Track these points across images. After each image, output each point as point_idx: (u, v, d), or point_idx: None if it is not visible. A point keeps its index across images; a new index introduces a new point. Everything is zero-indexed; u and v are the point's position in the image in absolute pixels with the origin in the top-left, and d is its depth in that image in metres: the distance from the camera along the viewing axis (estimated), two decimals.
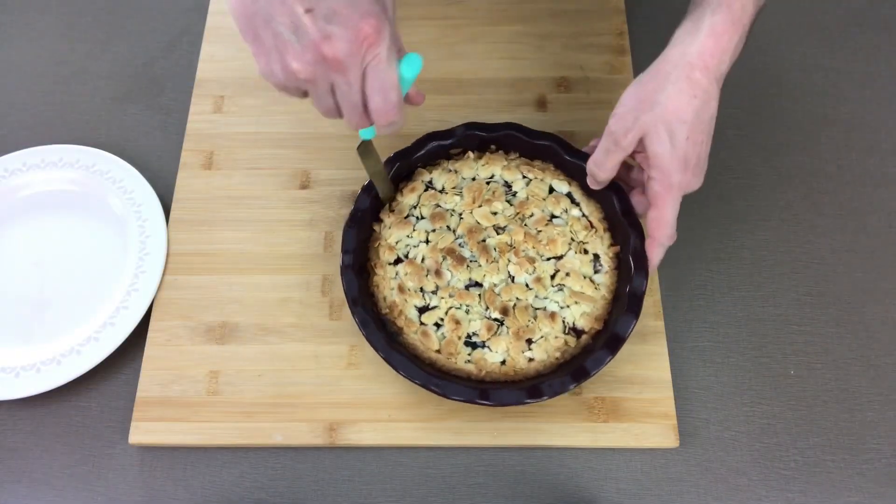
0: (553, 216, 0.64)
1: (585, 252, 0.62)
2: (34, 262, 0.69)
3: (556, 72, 0.76)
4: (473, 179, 0.66)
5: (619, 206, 0.62)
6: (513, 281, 0.62)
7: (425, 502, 0.60)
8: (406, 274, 0.62)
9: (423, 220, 0.65)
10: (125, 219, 0.70)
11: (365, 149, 0.59)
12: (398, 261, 0.63)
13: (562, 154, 0.65)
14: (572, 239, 0.63)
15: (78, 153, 0.73)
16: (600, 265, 0.62)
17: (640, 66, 0.77)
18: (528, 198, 0.64)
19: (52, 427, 0.63)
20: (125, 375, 0.65)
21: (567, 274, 0.61)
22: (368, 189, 0.64)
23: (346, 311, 0.65)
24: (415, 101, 0.57)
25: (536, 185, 0.65)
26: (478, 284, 0.62)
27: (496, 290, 0.61)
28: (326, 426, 0.61)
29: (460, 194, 0.65)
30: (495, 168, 0.66)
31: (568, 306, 0.60)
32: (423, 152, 0.66)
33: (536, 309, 0.61)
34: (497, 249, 0.62)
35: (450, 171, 0.66)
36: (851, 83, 0.78)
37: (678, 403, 0.62)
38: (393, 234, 0.64)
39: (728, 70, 0.54)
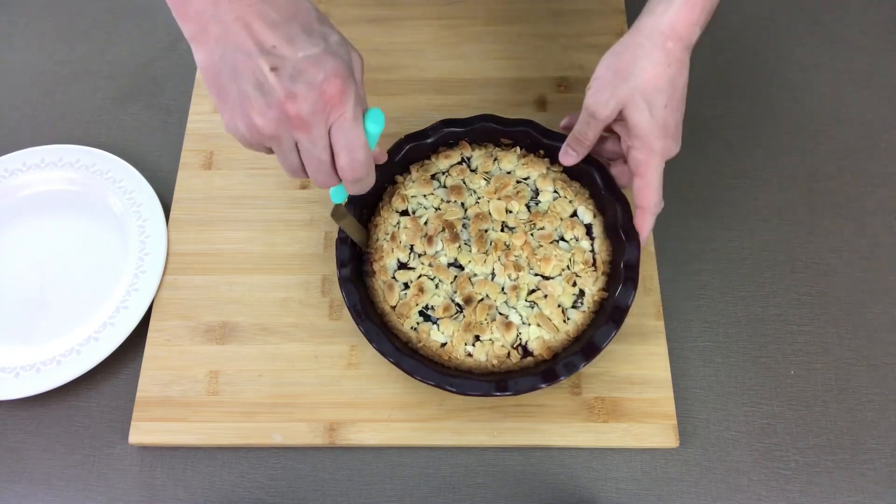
0: (562, 238, 0.63)
1: (574, 284, 0.61)
2: (34, 262, 0.69)
3: (556, 72, 0.76)
4: (509, 173, 0.66)
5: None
6: (492, 279, 0.62)
7: (425, 502, 0.60)
8: (405, 227, 0.63)
9: (442, 189, 0.66)
10: (125, 219, 0.70)
11: (338, 212, 0.59)
12: (404, 213, 0.64)
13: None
14: (567, 267, 0.62)
15: (78, 153, 0.73)
16: (581, 303, 0.61)
17: None
18: (547, 211, 0.64)
19: (52, 427, 0.63)
20: (125, 375, 0.65)
21: (545, 296, 0.61)
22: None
23: (346, 311, 0.65)
24: (377, 160, 0.58)
25: (562, 203, 0.64)
26: (459, 267, 0.62)
27: (472, 279, 0.62)
28: (326, 426, 0.61)
29: (488, 181, 0.65)
30: (533, 171, 0.66)
31: (529, 324, 0.60)
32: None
33: (499, 313, 0.61)
34: (493, 244, 0.62)
35: (492, 156, 0.67)
36: (851, 83, 0.78)
37: (678, 403, 0.62)
38: (413, 188, 0.65)
39: (696, 39, 0.55)
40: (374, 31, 0.79)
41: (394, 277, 0.62)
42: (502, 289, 0.61)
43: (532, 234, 0.63)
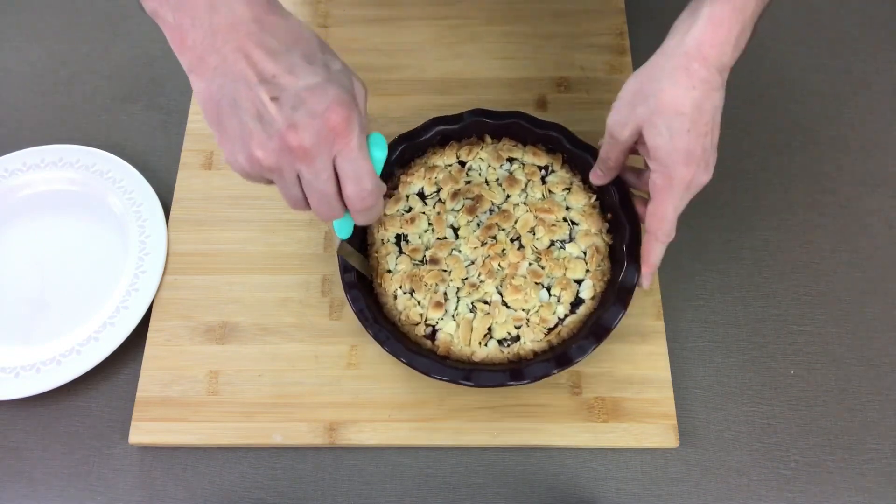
0: (560, 242, 0.63)
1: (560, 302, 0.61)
2: (34, 262, 0.69)
3: (556, 72, 0.76)
4: (551, 192, 0.65)
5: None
6: (485, 275, 0.61)
7: (425, 502, 0.60)
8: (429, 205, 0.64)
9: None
10: (125, 219, 0.70)
11: (344, 248, 0.59)
12: (421, 195, 0.65)
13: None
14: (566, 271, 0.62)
15: (78, 153, 0.73)
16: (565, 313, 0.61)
17: (640, 65, 0.77)
18: (561, 258, 0.62)
19: (52, 427, 0.63)
20: (125, 375, 0.65)
21: (537, 311, 0.60)
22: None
23: (346, 311, 0.65)
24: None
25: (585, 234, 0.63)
26: (458, 244, 0.63)
27: (466, 255, 0.62)
28: (326, 426, 0.61)
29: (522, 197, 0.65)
30: (577, 202, 0.64)
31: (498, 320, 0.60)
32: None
33: (485, 302, 0.60)
34: (495, 239, 0.62)
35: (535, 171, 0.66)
36: (851, 83, 0.78)
37: (678, 403, 0.62)
38: (444, 157, 0.66)
39: (732, 62, 0.52)
40: (374, 31, 0.79)
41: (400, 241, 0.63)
42: (497, 287, 0.61)
43: (531, 263, 0.62)
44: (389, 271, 0.62)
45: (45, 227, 0.71)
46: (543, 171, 0.66)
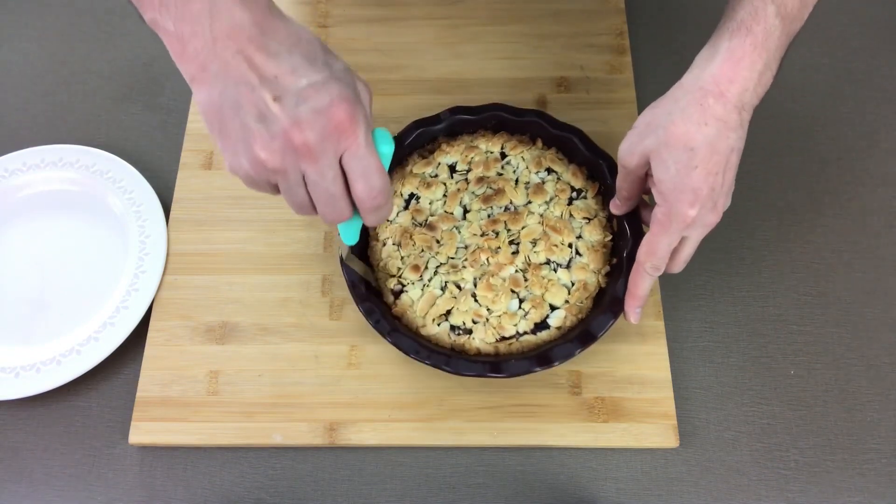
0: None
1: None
2: (34, 262, 0.69)
3: (556, 72, 0.76)
4: (560, 216, 0.64)
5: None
6: (470, 263, 0.61)
7: (425, 502, 0.60)
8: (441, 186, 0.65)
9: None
10: (125, 219, 0.70)
11: (351, 257, 0.59)
12: (452, 168, 0.66)
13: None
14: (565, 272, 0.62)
15: (78, 153, 0.73)
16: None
17: (640, 66, 0.77)
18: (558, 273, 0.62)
19: (52, 427, 0.63)
20: (125, 375, 0.65)
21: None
22: None
23: (346, 311, 0.65)
24: None
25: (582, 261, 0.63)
26: (460, 224, 0.63)
27: (463, 237, 0.63)
28: (326, 426, 0.61)
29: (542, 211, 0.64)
30: (587, 232, 0.63)
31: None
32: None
33: (458, 286, 0.61)
34: (509, 231, 0.63)
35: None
36: (851, 83, 0.78)
37: (678, 403, 0.62)
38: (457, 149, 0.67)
39: (756, 101, 0.50)
40: (374, 31, 0.79)
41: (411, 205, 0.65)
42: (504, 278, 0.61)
43: (517, 271, 0.61)
44: (389, 221, 0.64)
45: (45, 227, 0.71)
46: (574, 194, 0.65)
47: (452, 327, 0.60)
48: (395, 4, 0.81)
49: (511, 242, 0.62)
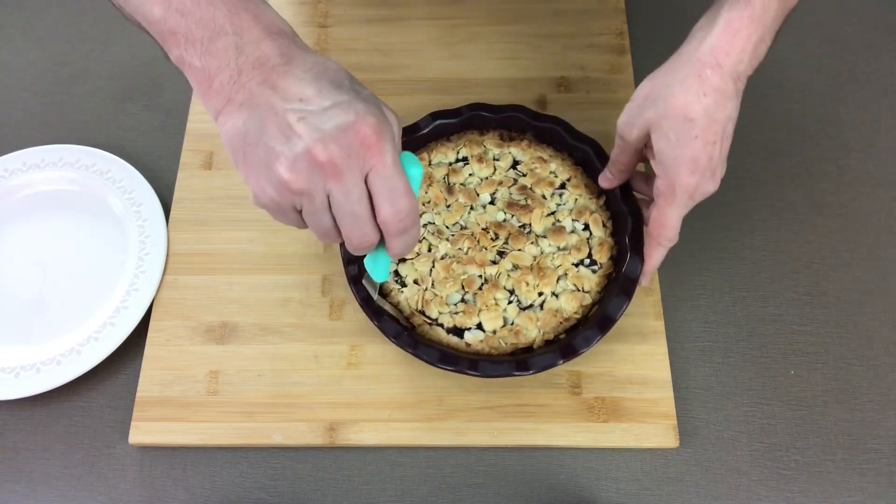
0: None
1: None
2: (34, 262, 0.69)
3: (556, 72, 0.76)
4: (552, 262, 0.63)
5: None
6: (469, 251, 0.62)
7: (425, 502, 0.60)
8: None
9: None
10: (125, 219, 0.70)
11: (380, 298, 0.60)
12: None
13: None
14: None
15: (78, 153, 0.73)
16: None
17: (640, 65, 0.77)
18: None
19: (52, 427, 0.63)
20: (125, 375, 0.65)
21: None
22: None
23: (346, 311, 0.65)
24: None
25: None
26: (469, 217, 0.64)
27: (470, 225, 0.63)
28: (326, 426, 0.61)
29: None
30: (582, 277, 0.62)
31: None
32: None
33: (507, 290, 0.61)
34: (508, 247, 0.63)
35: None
36: (851, 83, 0.78)
37: (678, 403, 0.62)
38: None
39: (750, 72, 0.51)
40: (374, 31, 0.79)
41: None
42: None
43: (506, 288, 0.62)
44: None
45: (45, 227, 0.71)
46: (588, 261, 0.62)
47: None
48: (395, 4, 0.81)
49: (500, 253, 0.62)
